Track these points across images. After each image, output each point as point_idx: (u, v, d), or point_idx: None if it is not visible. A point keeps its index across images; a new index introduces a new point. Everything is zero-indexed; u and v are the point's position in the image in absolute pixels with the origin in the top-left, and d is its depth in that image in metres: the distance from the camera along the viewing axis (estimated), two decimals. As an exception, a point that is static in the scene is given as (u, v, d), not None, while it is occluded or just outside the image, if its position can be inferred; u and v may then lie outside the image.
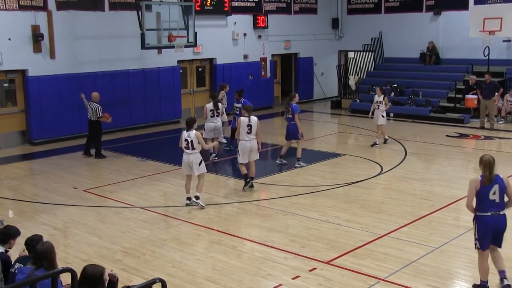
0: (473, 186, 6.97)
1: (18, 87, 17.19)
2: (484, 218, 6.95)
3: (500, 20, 19.65)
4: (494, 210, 6.92)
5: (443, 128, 18.90)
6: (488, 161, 6.96)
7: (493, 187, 6.90)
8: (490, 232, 6.97)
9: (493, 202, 6.92)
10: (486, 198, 6.91)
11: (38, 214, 10.78)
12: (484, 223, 6.95)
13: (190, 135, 10.82)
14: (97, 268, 5.05)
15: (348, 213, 10.42)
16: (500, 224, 6.97)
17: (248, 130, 11.82)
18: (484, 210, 6.95)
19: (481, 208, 6.98)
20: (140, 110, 19.55)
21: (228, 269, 8.08)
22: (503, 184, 6.95)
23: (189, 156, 10.91)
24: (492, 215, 6.92)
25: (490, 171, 6.93)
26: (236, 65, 22.64)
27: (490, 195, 6.91)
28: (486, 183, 6.90)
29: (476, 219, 7.05)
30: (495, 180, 6.92)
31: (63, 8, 17.38)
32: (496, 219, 6.92)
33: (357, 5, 26.22)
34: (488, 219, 6.93)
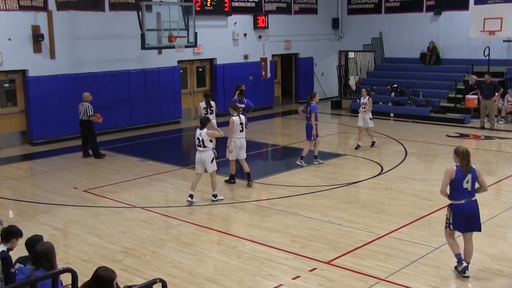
0: (448, 175, 7.51)
1: (18, 87, 17.19)
2: (459, 205, 7.52)
3: (501, 20, 19.64)
4: (467, 197, 7.51)
5: (444, 128, 18.90)
6: (466, 152, 7.53)
7: (467, 177, 7.47)
8: (464, 217, 7.55)
9: (466, 190, 7.49)
10: (460, 187, 7.47)
11: (38, 214, 10.78)
12: (459, 210, 7.53)
13: (201, 134, 11.09)
14: (108, 272, 5.02)
15: (349, 213, 10.41)
16: (473, 210, 7.54)
17: (241, 128, 12.22)
18: (458, 198, 7.51)
19: (456, 196, 7.54)
20: (141, 110, 19.55)
21: (228, 269, 8.08)
22: (475, 174, 7.53)
23: (201, 154, 11.17)
24: (465, 202, 7.51)
25: (467, 161, 7.48)
26: (237, 65, 22.64)
27: (464, 184, 7.47)
28: (464, 172, 7.46)
29: (451, 207, 7.62)
30: (471, 170, 7.50)
31: (63, 8, 17.38)
32: (469, 205, 7.51)
33: (357, 5, 26.22)
34: (462, 206, 7.51)
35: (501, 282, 7.52)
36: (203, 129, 11.09)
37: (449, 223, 7.71)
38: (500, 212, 10.34)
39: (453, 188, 7.54)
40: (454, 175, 7.47)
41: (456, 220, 7.59)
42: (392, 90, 22.65)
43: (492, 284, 7.45)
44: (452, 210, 7.62)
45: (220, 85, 22.19)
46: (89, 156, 15.40)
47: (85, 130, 15.37)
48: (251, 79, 22.87)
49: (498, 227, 9.64)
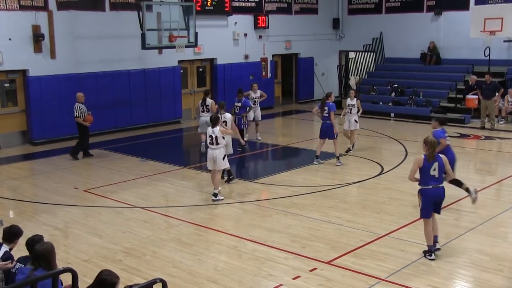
0: (417, 164, 8.14)
1: (18, 87, 17.19)
2: (427, 190, 8.13)
3: (501, 20, 19.65)
4: (434, 183, 8.11)
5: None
6: (433, 142, 8.11)
7: (433, 164, 8.07)
8: (432, 202, 8.16)
9: (433, 177, 8.10)
10: (428, 174, 8.08)
11: (39, 214, 10.78)
12: (427, 194, 8.14)
13: (214, 131, 11.31)
14: (111, 276, 5.00)
15: (349, 213, 10.41)
16: (440, 195, 8.22)
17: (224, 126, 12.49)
18: (426, 184, 8.13)
19: (424, 182, 8.16)
20: (141, 110, 19.55)
21: (228, 269, 8.08)
22: (441, 162, 8.14)
23: (213, 151, 11.37)
24: (433, 188, 8.12)
25: (433, 150, 8.07)
26: (237, 65, 22.64)
27: (431, 171, 8.08)
28: (429, 160, 8.05)
29: (420, 192, 8.21)
30: (436, 158, 8.08)
31: (64, 8, 17.39)
32: (436, 190, 8.15)
33: (357, 5, 26.22)
34: (430, 191, 8.13)
35: (501, 282, 7.51)
36: (216, 127, 11.33)
37: (421, 210, 8.27)
38: (501, 212, 10.34)
39: (422, 175, 8.16)
40: (422, 163, 8.08)
41: (425, 204, 8.17)
42: (393, 90, 22.64)
43: (492, 284, 7.45)
44: (421, 195, 8.19)
45: (220, 85, 22.20)
46: (90, 156, 15.39)
47: (80, 129, 15.28)
48: (252, 79, 22.85)
49: (499, 227, 9.64)
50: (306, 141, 16.92)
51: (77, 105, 15.08)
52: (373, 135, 17.99)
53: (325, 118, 13.89)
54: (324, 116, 13.88)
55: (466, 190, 10.43)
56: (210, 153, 11.43)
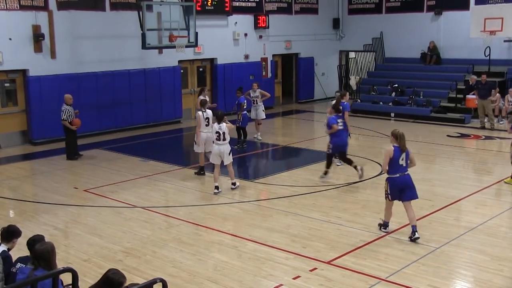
0: (388, 155, 8.91)
1: (19, 87, 17.20)
2: (395, 178, 8.99)
3: (501, 20, 19.66)
4: (401, 171, 8.96)
5: (444, 128, 18.90)
6: (402, 135, 8.91)
7: (402, 155, 8.88)
8: (399, 188, 9.00)
9: (401, 166, 8.92)
10: (397, 164, 8.89)
11: (39, 214, 10.78)
12: (394, 182, 9.01)
13: (221, 127, 11.69)
14: (118, 276, 4.97)
15: (349, 213, 10.41)
16: (406, 182, 9.01)
17: (206, 123, 12.89)
18: (394, 173, 8.95)
19: (392, 171, 8.96)
20: (141, 110, 19.55)
21: (229, 269, 8.08)
22: (408, 153, 8.96)
23: (220, 147, 11.75)
24: (400, 176, 8.97)
25: (404, 142, 8.88)
26: (237, 65, 22.65)
27: (399, 161, 8.89)
28: (401, 150, 8.86)
29: (389, 180, 9.08)
30: (405, 150, 8.91)
31: (64, 8, 17.39)
32: (403, 178, 9.00)
33: (358, 5, 26.22)
34: (398, 179, 8.98)
35: (501, 282, 7.51)
36: (222, 123, 11.71)
37: (387, 194, 9.15)
38: (501, 212, 10.34)
39: (391, 165, 8.92)
40: (393, 154, 8.86)
41: (392, 190, 9.06)
42: (393, 90, 22.64)
43: (492, 284, 7.44)
44: (389, 183, 9.06)
45: (220, 85, 22.20)
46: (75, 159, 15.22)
47: (66, 130, 15.24)
48: (252, 79, 22.85)
49: (499, 227, 9.64)
50: (306, 141, 16.93)
51: (65, 108, 15.01)
52: (373, 135, 17.99)
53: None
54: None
55: (355, 167, 12.46)
56: (217, 148, 11.77)
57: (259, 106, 17.34)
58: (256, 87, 17.58)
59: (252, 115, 17.21)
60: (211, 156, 12.05)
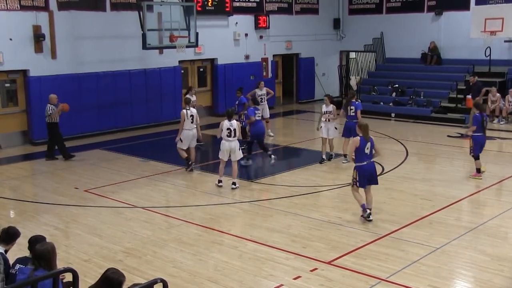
0: (354, 145, 9.79)
1: (19, 87, 17.20)
2: (361, 166, 9.83)
3: (502, 20, 19.65)
4: (367, 160, 9.82)
5: (444, 129, 18.89)
6: (366, 126, 9.92)
7: (367, 144, 9.75)
8: (366, 175, 9.84)
9: (366, 154, 9.81)
10: (363, 152, 9.76)
11: (40, 214, 10.78)
12: (361, 169, 9.85)
13: (232, 124, 12.10)
14: (118, 275, 4.96)
15: (349, 213, 10.41)
16: (371, 169, 9.94)
17: (191, 120, 13.47)
18: (361, 161, 9.81)
19: (359, 160, 9.82)
20: (142, 110, 19.56)
21: (229, 269, 8.08)
22: (373, 142, 9.84)
23: (231, 143, 12.13)
24: (366, 163, 9.83)
25: (367, 133, 9.83)
26: (238, 65, 22.64)
27: (365, 150, 9.75)
28: (366, 140, 9.73)
29: (356, 168, 9.91)
30: (369, 139, 9.78)
31: (65, 8, 17.39)
32: (369, 165, 9.88)
33: (358, 6, 26.21)
34: (364, 166, 9.83)
35: (502, 283, 7.51)
36: (232, 120, 12.16)
37: (355, 181, 9.93)
38: (501, 213, 10.34)
39: (357, 154, 9.79)
40: (359, 144, 9.72)
41: (360, 177, 9.85)
42: (393, 90, 22.64)
43: (493, 284, 7.44)
44: (357, 170, 9.88)
45: (221, 85, 22.21)
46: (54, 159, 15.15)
47: (50, 133, 15.16)
48: (252, 79, 22.85)
49: (499, 227, 9.63)
50: (306, 141, 16.92)
51: (49, 107, 14.94)
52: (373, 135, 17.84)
53: (350, 117, 14.02)
54: (350, 115, 14.04)
55: (269, 156, 13.87)
56: (227, 144, 12.08)
57: (265, 105, 17.62)
58: (263, 85, 17.91)
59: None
60: (220, 152, 12.23)
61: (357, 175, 9.89)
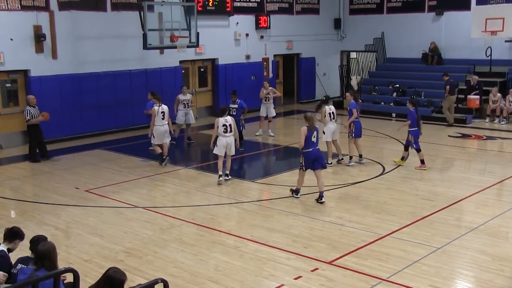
0: (304, 134, 10.86)
1: (20, 87, 17.20)
2: (308, 152, 10.96)
3: (502, 20, 19.65)
4: (313, 147, 10.96)
5: (445, 129, 18.89)
6: (311, 117, 11.02)
7: (313, 133, 10.93)
8: (311, 160, 10.95)
9: (313, 142, 10.96)
10: (310, 140, 10.92)
11: (40, 215, 10.78)
12: (308, 155, 10.98)
13: (227, 120, 12.43)
14: (119, 274, 4.95)
15: (350, 214, 10.41)
16: (317, 154, 11.04)
17: (162, 117, 14.14)
18: (308, 148, 10.92)
19: (306, 147, 10.92)
20: (142, 110, 19.44)
21: (230, 269, 8.08)
22: (317, 131, 11.08)
23: (227, 139, 12.43)
24: (312, 150, 10.96)
25: (312, 123, 10.97)
26: (238, 65, 22.65)
27: (312, 138, 10.92)
28: (311, 130, 10.87)
29: (303, 154, 11.01)
30: (314, 129, 10.94)
31: (65, 8, 17.40)
32: (314, 152, 11.00)
33: (359, 6, 26.21)
34: (310, 153, 10.96)
35: (502, 283, 7.51)
36: (227, 116, 12.55)
37: (302, 165, 11.08)
38: (502, 213, 10.33)
39: (305, 142, 10.87)
40: (306, 133, 10.83)
41: (306, 162, 11.02)
42: (394, 90, 22.63)
43: (493, 284, 7.44)
44: (304, 156, 11.00)
45: (222, 85, 22.21)
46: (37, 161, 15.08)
47: (31, 134, 15.12)
48: (253, 79, 22.88)
49: (500, 227, 9.63)
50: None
51: (28, 109, 14.92)
52: (374, 135, 17.98)
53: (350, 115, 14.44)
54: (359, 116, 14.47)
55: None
56: (224, 140, 12.36)
57: (270, 104, 17.83)
58: (268, 85, 18.30)
59: (262, 112, 18.05)
60: (217, 148, 12.42)
61: (303, 160, 11.02)
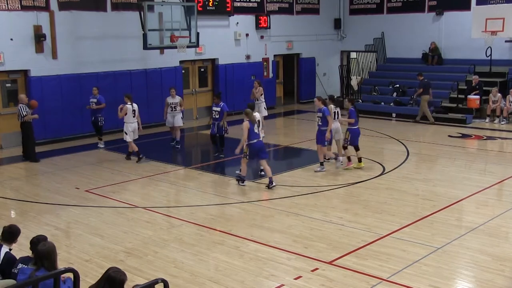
0: (246, 127, 11.89)
1: (20, 88, 17.21)
2: (252, 143, 12.00)
3: (503, 20, 19.64)
4: (256, 138, 12.05)
5: (445, 129, 18.89)
6: (250, 112, 12.10)
7: (255, 126, 12.00)
8: (255, 150, 12.05)
9: (256, 133, 12.05)
10: (253, 132, 11.97)
11: (41, 215, 10.79)
12: (252, 146, 12.01)
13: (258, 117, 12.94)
14: (120, 274, 4.94)
15: (350, 214, 10.41)
16: (260, 145, 12.17)
17: (133, 114, 14.91)
18: (252, 139, 11.98)
19: (251, 138, 11.97)
20: (143, 110, 19.43)
21: (230, 269, 8.08)
22: (259, 124, 12.17)
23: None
24: (256, 141, 12.05)
25: (253, 117, 12.01)
26: (238, 65, 22.66)
27: (254, 129, 12.00)
28: (253, 123, 11.96)
29: (248, 145, 12.02)
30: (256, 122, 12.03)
31: (65, 8, 17.40)
32: (258, 143, 12.11)
33: (359, 6, 26.21)
34: (254, 144, 12.01)
35: (502, 282, 7.51)
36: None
37: (246, 155, 12.11)
38: (502, 212, 10.33)
39: (249, 134, 11.91)
40: (249, 126, 11.88)
41: (251, 152, 12.08)
42: (394, 90, 22.64)
43: (493, 284, 7.44)
44: (248, 147, 12.03)
45: (222, 85, 22.20)
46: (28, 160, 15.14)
47: (23, 132, 15.13)
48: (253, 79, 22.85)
49: (500, 227, 9.63)
50: (307, 141, 16.89)
51: (20, 106, 14.94)
52: (374, 135, 17.99)
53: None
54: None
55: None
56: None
57: (261, 103, 17.73)
58: (258, 85, 18.18)
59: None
60: None
61: (248, 151, 12.06)
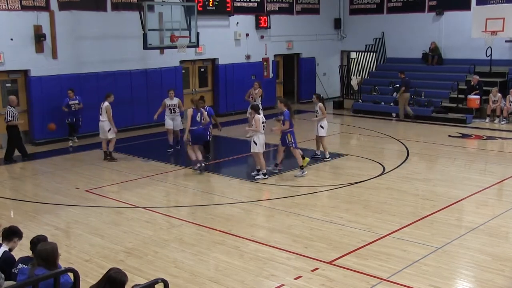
0: (190, 114, 13.15)
1: (20, 88, 17.21)
2: (194, 130, 13.23)
3: (503, 20, 19.64)
4: (197, 125, 13.29)
5: (446, 128, 18.89)
6: (197, 101, 13.45)
7: (198, 113, 13.24)
8: (197, 136, 13.33)
9: (198, 121, 13.29)
10: (195, 120, 13.19)
11: (41, 215, 10.78)
12: (194, 132, 13.24)
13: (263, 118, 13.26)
14: (121, 275, 4.93)
15: (351, 214, 10.41)
16: (201, 132, 13.57)
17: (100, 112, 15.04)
18: (194, 126, 13.18)
19: (193, 125, 13.15)
20: (143, 110, 19.54)
21: (230, 269, 8.08)
22: (202, 112, 13.35)
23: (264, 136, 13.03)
24: (197, 128, 13.29)
25: (197, 105, 13.38)
26: (239, 65, 22.65)
27: (197, 118, 13.23)
28: (197, 111, 13.21)
29: (190, 131, 13.21)
30: (199, 110, 13.30)
31: (66, 8, 17.40)
32: (199, 130, 13.40)
33: (359, 6, 26.20)
34: (196, 130, 13.29)
35: (503, 282, 7.51)
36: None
37: (188, 141, 13.27)
38: (502, 212, 10.33)
39: (192, 121, 13.09)
40: (192, 113, 13.11)
41: (193, 138, 13.27)
42: (394, 90, 22.62)
43: (494, 284, 7.44)
44: (191, 133, 13.16)
45: (222, 85, 22.21)
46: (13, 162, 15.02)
47: (9, 135, 15.00)
48: (253, 79, 22.85)
49: (500, 227, 9.63)
50: (307, 141, 16.87)
51: (9, 109, 14.78)
52: (374, 135, 17.99)
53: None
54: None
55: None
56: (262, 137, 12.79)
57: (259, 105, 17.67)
58: (258, 86, 18.02)
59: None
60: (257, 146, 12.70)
61: (190, 137, 13.16)
